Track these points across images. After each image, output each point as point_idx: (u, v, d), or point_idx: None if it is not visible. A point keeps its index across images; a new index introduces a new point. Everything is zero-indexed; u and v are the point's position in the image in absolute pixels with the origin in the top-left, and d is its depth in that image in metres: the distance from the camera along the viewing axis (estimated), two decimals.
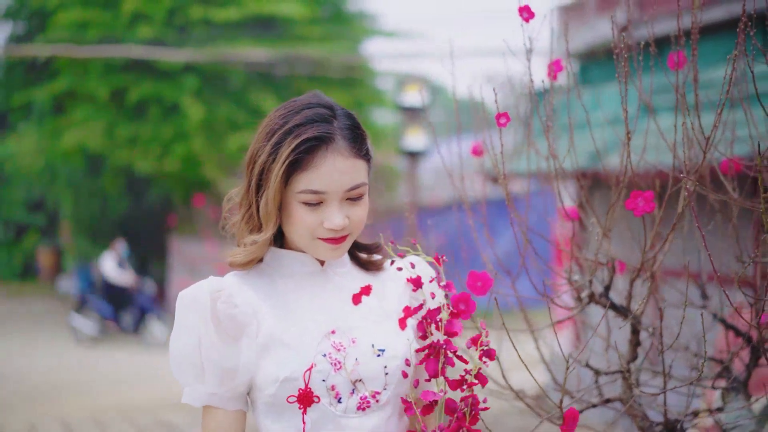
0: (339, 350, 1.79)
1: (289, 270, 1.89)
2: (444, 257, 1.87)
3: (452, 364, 1.75)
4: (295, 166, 1.76)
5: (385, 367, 1.80)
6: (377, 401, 1.80)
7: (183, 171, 16.74)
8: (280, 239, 1.91)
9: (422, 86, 15.58)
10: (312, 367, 1.76)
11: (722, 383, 2.50)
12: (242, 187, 1.89)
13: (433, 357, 1.75)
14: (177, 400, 7.83)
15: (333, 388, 1.77)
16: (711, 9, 6.67)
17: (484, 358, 1.74)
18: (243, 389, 1.83)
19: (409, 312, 1.84)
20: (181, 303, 1.84)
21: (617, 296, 2.47)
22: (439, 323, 1.77)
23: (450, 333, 1.75)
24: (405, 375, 1.82)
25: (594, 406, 2.29)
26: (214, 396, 1.82)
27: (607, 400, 2.28)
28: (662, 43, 2.99)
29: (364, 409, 1.79)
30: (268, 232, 1.82)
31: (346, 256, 1.95)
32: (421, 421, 1.78)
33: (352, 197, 1.80)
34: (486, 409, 1.76)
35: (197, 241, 16.60)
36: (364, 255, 1.96)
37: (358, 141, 1.82)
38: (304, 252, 1.87)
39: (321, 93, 1.90)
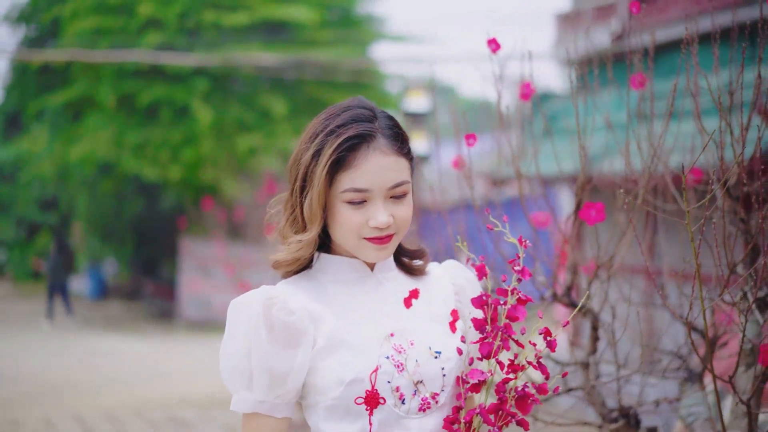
0: (400, 352, 1.80)
1: (339, 275, 1.89)
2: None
3: (507, 348, 1.76)
4: (338, 166, 1.78)
5: (443, 368, 1.82)
6: (437, 402, 1.82)
7: (188, 177, 17.04)
8: (328, 245, 1.92)
9: (427, 90, 15.80)
10: (378, 368, 1.77)
11: (680, 375, 2.74)
12: (286, 192, 1.91)
13: (491, 339, 1.75)
14: (188, 396, 8.05)
15: (397, 389, 1.79)
16: (702, 18, 6.89)
17: (539, 348, 1.74)
18: (292, 396, 1.83)
19: (457, 315, 1.88)
20: (233, 310, 1.84)
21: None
22: (504, 306, 1.76)
23: (512, 317, 1.75)
24: (458, 381, 1.83)
25: (558, 394, 2.52)
26: (262, 404, 1.81)
27: (569, 390, 2.52)
28: (656, 49, 3.19)
29: (424, 410, 1.81)
30: (313, 231, 1.83)
31: (392, 261, 1.95)
32: (465, 397, 1.81)
33: (396, 195, 1.82)
34: (537, 401, 1.78)
35: (207, 242, 16.89)
36: (407, 259, 1.97)
37: (399, 140, 1.84)
38: (353, 257, 1.89)
39: (362, 97, 1.93)
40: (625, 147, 2.48)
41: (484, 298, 1.76)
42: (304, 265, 1.91)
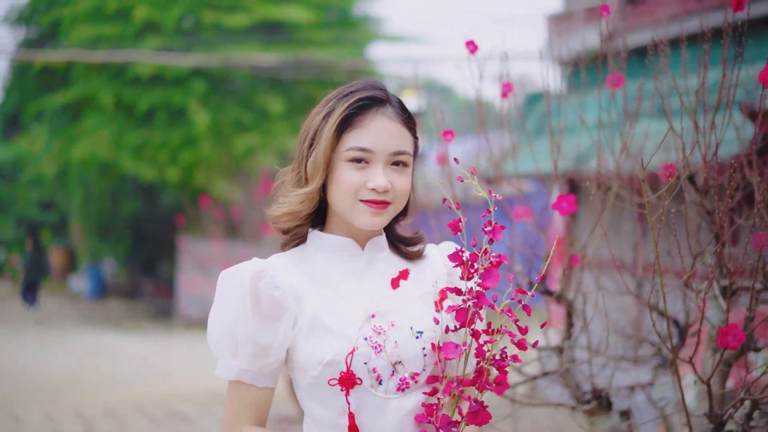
0: (379, 333, 1.84)
1: (330, 253, 1.94)
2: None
3: (481, 318, 1.76)
4: (345, 125, 1.86)
5: (424, 348, 1.84)
6: (416, 382, 1.84)
7: (184, 178, 17.17)
8: (322, 224, 1.98)
9: (421, 90, 15.94)
10: (354, 350, 1.81)
11: (655, 361, 2.88)
12: (294, 159, 1.97)
13: (466, 299, 1.75)
14: (188, 392, 8.17)
15: (374, 370, 1.82)
16: (690, 19, 7.05)
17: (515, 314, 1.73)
18: (274, 367, 1.89)
19: (445, 294, 1.85)
20: (223, 280, 1.89)
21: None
22: (475, 273, 1.75)
23: (484, 286, 1.74)
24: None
25: (535, 378, 2.67)
26: (246, 372, 1.88)
27: (546, 373, 2.66)
28: (645, 50, 3.31)
29: (403, 390, 1.83)
30: (313, 185, 1.88)
31: (385, 242, 1.99)
32: (443, 366, 1.83)
33: (397, 162, 1.88)
34: (517, 359, 1.78)
35: (205, 240, 17.01)
36: (403, 246, 2.00)
37: (406, 114, 1.92)
38: (346, 236, 1.94)
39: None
40: (597, 145, 2.61)
41: (459, 253, 1.77)
42: (299, 235, 1.98)
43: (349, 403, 1.82)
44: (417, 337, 1.84)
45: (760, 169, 2.58)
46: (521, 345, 1.74)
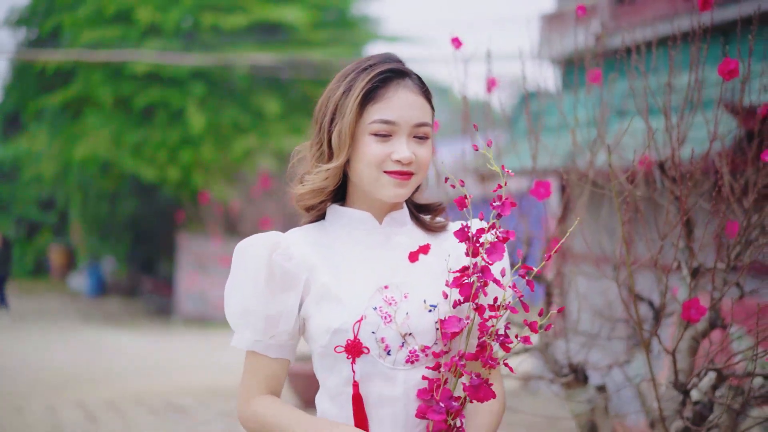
0: (390, 304, 1.84)
1: (347, 227, 1.95)
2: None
3: (485, 293, 1.74)
4: (368, 98, 1.87)
5: (437, 322, 1.83)
6: (427, 356, 1.83)
7: (183, 180, 17.32)
8: (341, 199, 2.00)
9: None
10: (362, 319, 1.81)
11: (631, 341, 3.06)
12: (313, 134, 1.97)
13: (470, 275, 1.73)
14: (187, 386, 8.28)
15: (383, 340, 1.82)
16: (669, 20, 7.23)
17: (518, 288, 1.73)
18: (285, 338, 1.91)
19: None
20: (238, 252, 1.92)
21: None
22: (482, 247, 1.73)
23: (489, 260, 1.73)
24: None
25: (516, 354, 2.84)
26: (258, 343, 1.90)
27: (527, 349, 2.83)
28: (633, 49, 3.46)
29: (412, 363, 1.83)
30: (340, 159, 1.89)
31: (406, 216, 2.00)
32: (448, 344, 1.82)
33: (419, 135, 1.89)
34: (528, 341, 1.77)
35: (205, 237, 17.14)
36: (426, 216, 2.01)
37: (425, 87, 1.93)
38: (365, 210, 1.95)
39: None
40: (572, 138, 2.78)
41: (465, 229, 1.76)
42: (322, 211, 2.00)
43: (354, 372, 1.83)
44: (430, 311, 1.85)
45: (730, 159, 2.74)
46: (532, 327, 1.75)
